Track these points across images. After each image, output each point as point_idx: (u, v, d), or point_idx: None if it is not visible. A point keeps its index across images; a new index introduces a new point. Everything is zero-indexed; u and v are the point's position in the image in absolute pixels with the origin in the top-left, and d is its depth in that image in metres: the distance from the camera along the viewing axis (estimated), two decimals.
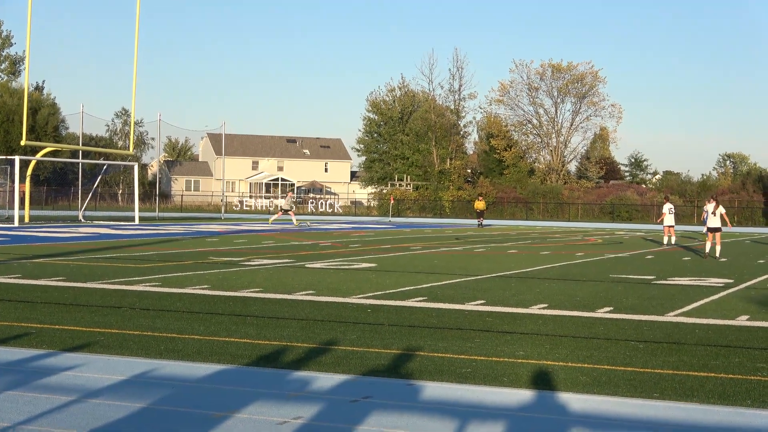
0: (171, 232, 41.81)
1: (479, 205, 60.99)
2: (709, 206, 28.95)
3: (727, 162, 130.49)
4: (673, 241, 37.11)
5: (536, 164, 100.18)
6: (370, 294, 16.38)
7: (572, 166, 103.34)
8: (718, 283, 19.90)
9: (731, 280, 20.54)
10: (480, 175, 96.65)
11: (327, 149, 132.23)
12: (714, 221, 28.67)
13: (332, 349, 10.56)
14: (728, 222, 29.42)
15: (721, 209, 28.85)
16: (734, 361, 10.17)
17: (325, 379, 8.88)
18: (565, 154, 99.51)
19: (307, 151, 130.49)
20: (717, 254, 28.50)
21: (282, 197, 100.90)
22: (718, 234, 28.77)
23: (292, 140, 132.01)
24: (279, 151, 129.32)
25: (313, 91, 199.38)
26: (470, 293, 16.81)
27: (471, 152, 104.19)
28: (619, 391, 8.54)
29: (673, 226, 37.17)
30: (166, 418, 7.38)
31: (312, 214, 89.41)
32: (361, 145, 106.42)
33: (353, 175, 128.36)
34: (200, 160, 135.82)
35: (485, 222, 63.01)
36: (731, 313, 14.42)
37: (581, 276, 21.35)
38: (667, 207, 37.20)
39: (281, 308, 14.27)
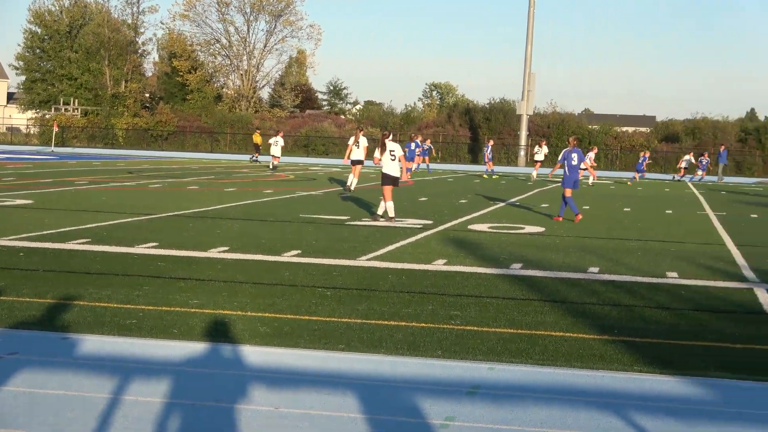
0: None
1: (258, 138, 61.77)
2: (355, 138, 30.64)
3: (434, 93, 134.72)
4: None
5: (224, 90, 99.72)
6: (24, 235, 15.94)
7: (265, 93, 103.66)
8: (416, 224, 20.61)
9: (430, 222, 21.32)
10: (160, 101, 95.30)
11: None
12: (357, 153, 30.15)
13: None
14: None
15: (364, 141, 30.68)
16: (427, 309, 10.61)
17: None
18: (257, 79, 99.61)
19: None
20: (353, 187, 30.52)
21: None
22: (359, 166, 30.35)
23: None
24: None
25: None
26: (141, 234, 16.66)
27: (150, 74, 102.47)
28: (303, 343, 8.74)
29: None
30: None
31: None
32: (21, 63, 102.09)
33: (10, 97, 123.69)
34: None
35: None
36: (428, 257, 15.01)
37: (268, 215, 21.57)
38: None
39: None
